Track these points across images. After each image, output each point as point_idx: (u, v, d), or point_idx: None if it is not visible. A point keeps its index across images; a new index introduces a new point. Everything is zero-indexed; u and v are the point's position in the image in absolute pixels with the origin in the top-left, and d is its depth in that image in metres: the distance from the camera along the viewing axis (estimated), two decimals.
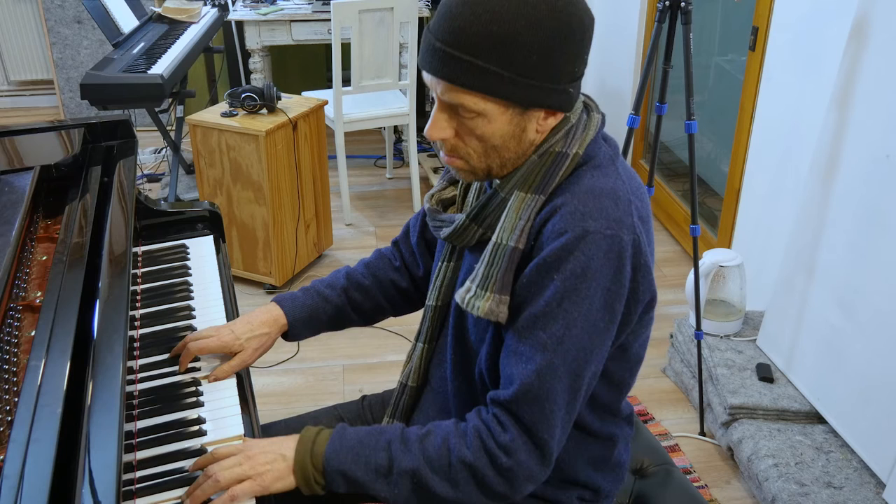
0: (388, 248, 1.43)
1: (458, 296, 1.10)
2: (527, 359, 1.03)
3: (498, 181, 1.09)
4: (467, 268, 1.18)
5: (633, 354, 1.15)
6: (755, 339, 2.39)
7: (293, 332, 1.36)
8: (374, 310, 1.41)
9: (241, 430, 1.19)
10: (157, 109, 3.53)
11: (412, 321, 1.38)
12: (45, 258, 1.31)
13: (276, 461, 1.08)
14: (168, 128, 3.67)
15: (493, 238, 1.07)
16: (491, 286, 1.05)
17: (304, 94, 3.46)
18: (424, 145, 4.22)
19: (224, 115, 2.83)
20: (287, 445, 1.10)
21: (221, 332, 1.30)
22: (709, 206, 3.26)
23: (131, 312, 1.32)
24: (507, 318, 1.06)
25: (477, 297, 1.06)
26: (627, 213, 1.03)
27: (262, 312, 1.34)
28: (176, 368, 1.28)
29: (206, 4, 3.77)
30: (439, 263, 1.24)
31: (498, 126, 1.02)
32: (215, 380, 1.26)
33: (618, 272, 1.01)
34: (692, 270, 2.28)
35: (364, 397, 1.47)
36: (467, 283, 1.09)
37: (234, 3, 3.91)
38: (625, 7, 3.73)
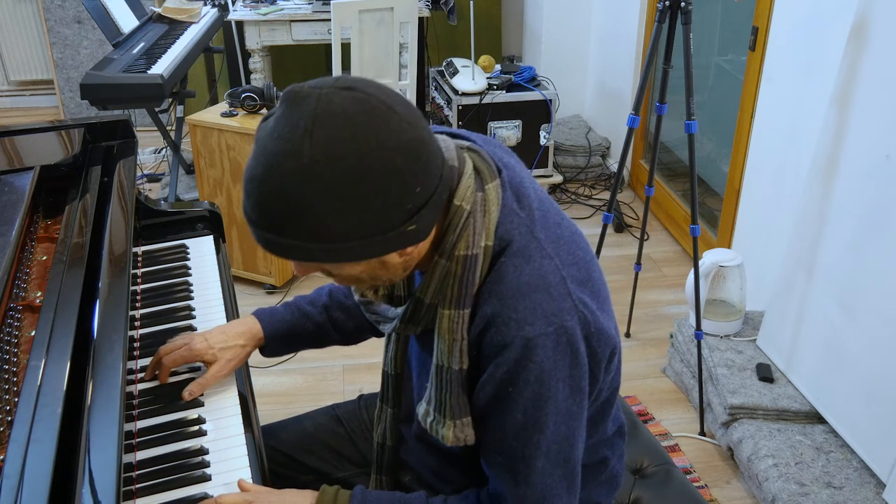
0: None
1: (420, 417, 1.06)
2: (510, 470, 1.00)
3: (417, 285, 1.01)
4: (418, 349, 1.15)
5: (606, 390, 1.10)
6: (755, 339, 2.39)
7: (270, 348, 1.31)
8: (356, 330, 1.36)
9: (241, 430, 1.19)
10: (157, 109, 3.53)
11: None
12: (45, 258, 1.31)
13: None
14: (168, 128, 3.67)
15: (434, 359, 1.01)
16: (448, 412, 1.01)
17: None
18: None
19: (224, 115, 2.83)
20: None
21: (195, 339, 1.25)
22: (709, 206, 3.26)
23: (131, 312, 1.32)
24: (474, 416, 1.02)
25: (438, 423, 1.02)
26: (564, 295, 0.94)
27: (240, 324, 1.29)
28: (175, 369, 1.28)
29: (206, 4, 3.77)
30: (388, 331, 1.17)
31: (350, 271, 0.93)
32: (190, 396, 1.22)
33: (574, 357, 0.95)
34: (692, 270, 2.28)
35: (361, 397, 1.47)
36: (424, 404, 1.05)
37: (234, 3, 3.91)
38: (625, 7, 3.73)
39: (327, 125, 0.82)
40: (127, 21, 3.39)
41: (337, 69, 3.28)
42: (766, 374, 2.23)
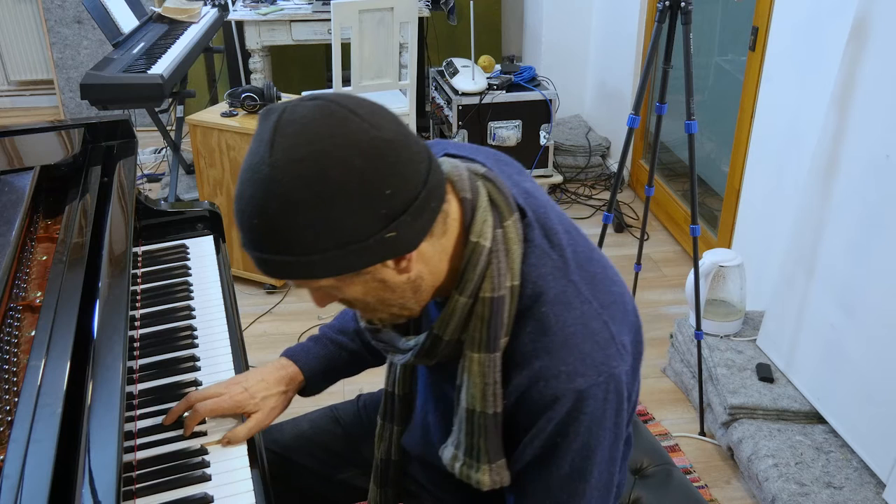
0: None
1: (447, 463, 1.03)
2: None
3: (435, 320, 0.97)
4: (426, 374, 1.13)
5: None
6: (755, 339, 2.39)
7: (311, 387, 1.28)
8: None
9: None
10: (157, 109, 3.53)
11: None
12: (45, 258, 1.31)
13: None
14: (168, 128, 3.67)
15: (463, 403, 0.97)
16: (483, 457, 0.98)
17: (304, 94, 3.45)
18: None
19: (224, 115, 2.83)
20: None
21: (232, 389, 1.18)
22: (709, 206, 3.26)
23: (131, 312, 1.32)
24: (516, 469, 0.99)
25: (471, 468, 0.99)
26: (608, 342, 0.92)
27: (277, 369, 1.25)
28: (177, 366, 1.28)
29: (206, 4, 3.77)
30: (399, 363, 1.14)
31: (350, 291, 0.90)
32: (228, 444, 1.15)
33: (619, 403, 0.94)
34: (692, 270, 2.28)
35: (359, 397, 1.46)
36: (451, 448, 1.02)
37: (234, 3, 3.91)
38: (625, 7, 3.73)
39: (286, 133, 0.82)
40: (127, 21, 3.39)
41: (337, 69, 3.28)
42: (766, 374, 2.23)
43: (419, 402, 1.18)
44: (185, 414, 1.18)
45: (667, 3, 1.99)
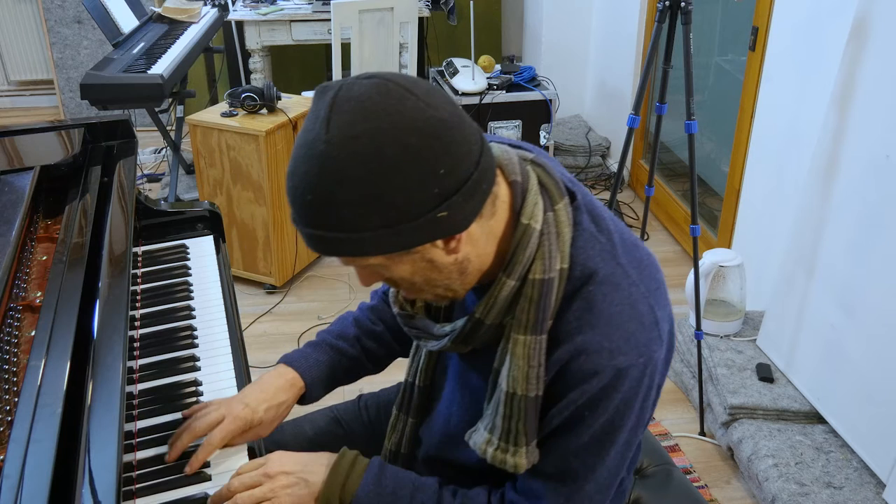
0: (381, 291, 1.35)
1: (478, 448, 1.02)
2: (558, 482, 0.99)
3: (476, 304, 0.97)
4: (458, 364, 1.12)
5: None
6: (755, 339, 2.39)
7: (310, 395, 1.25)
8: (388, 355, 1.32)
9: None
10: (157, 109, 3.53)
11: None
12: (45, 258, 1.31)
13: (297, 486, 1.03)
14: (168, 128, 3.67)
15: (504, 386, 0.96)
16: (521, 440, 0.97)
17: (304, 94, 3.45)
18: None
19: (224, 115, 2.83)
20: (313, 469, 1.04)
21: (234, 407, 1.15)
22: (709, 206, 3.26)
23: (131, 312, 1.32)
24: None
25: (506, 452, 0.98)
26: (652, 325, 0.93)
27: (276, 377, 1.21)
28: (177, 366, 1.28)
29: (206, 4, 3.77)
30: (434, 349, 1.11)
31: (397, 270, 0.90)
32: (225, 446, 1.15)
33: (649, 389, 0.96)
34: (692, 270, 2.28)
35: (360, 397, 1.46)
36: (484, 432, 1.01)
37: (234, 3, 3.91)
38: (625, 7, 3.73)
39: (343, 109, 0.82)
40: (127, 21, 3.40)
41: (337, 69, 3.28)
42: (766, 374, 2.24)
43: (447, 391, 1.17)
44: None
45: (667, 3, 1.99)
